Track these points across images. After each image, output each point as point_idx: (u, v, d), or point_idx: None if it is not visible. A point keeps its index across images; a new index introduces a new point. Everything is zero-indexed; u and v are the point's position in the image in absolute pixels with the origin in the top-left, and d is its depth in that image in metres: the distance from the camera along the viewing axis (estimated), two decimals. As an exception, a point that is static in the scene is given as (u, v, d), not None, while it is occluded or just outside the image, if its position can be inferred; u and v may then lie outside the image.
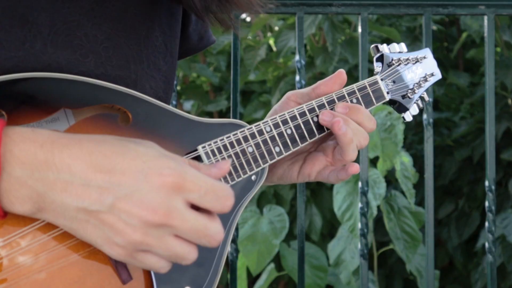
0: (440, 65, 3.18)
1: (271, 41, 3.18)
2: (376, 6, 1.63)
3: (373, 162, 2.48)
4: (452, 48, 3.25)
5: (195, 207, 0.71)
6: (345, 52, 2.67)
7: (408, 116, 1.05)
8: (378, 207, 2.32)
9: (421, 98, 1.06)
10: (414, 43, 2.93)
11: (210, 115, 3.18)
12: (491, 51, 1.66)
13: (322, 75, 2.82)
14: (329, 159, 0.96)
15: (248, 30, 2.92)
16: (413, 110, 1.05)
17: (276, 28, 3.25)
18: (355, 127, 0.93)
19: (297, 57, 1.61)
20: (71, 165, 0.68)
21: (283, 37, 2.75)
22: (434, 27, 3.14)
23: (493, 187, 1.64)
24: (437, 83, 3.02)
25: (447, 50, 3.31)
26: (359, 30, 1.62)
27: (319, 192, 2.89)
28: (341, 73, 0.97)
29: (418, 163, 3.00)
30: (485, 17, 1.66)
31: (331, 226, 2.91)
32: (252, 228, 2.43)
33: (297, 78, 1.61)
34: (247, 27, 2.95)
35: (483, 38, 1.74)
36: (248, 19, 2.73)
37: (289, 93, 0.99)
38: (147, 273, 0.79)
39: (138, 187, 0.68)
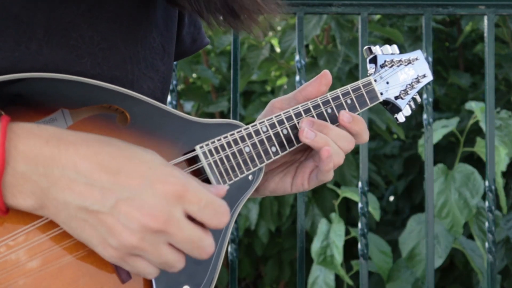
0: (441, 64, 3.16)
1: (274, 41, 3.18)
2: (376, 6, 1.63)
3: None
4: (453, 48, 3.25)
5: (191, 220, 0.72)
6: (348, 52, 2.67)
7: (401, 117, 1.06)
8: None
9: (414, 99, 1.07)
10: (416, 43, 2.93)
11: (211, 116, 3.18)
12: (491, 51, 1.66)
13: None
14: (316, 164, 0.96)
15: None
16: (406, 111, 1.06)
17: (279, 28, 3.25)
18: (336, 132, 0.93)
19: (297, 57, 1.62)
20: (78, 163, 0.68)
21: (287, 37, 2.75)
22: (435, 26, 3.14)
23: (493, 187, 1.65)
24: (438, 83, 3.03)
25: (448, 50, 3.31)
26: (359, 30, 1.62)
27: (320, 192, 2.89)
28: (326, 74, 0.97)
29: (418, 163, 3.00)
30: (485, 17, 1.66)
31: (332, 226, 2.91)
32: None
33: (297, 78, 1.61)
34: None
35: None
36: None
37: (273, 100, 0.99)
38: (146, 272, 0.79)
39: (141, 191, 0.69)
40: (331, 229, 2.26)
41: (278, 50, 3.01)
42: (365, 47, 1.05)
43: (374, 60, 1.04)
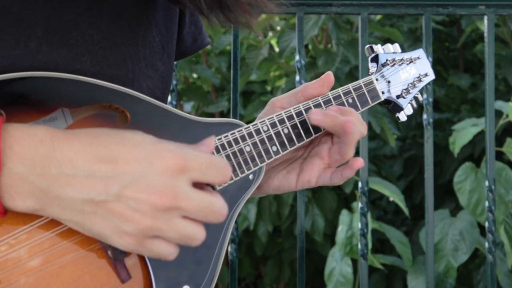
0: (441, 65, 3.15)
1: (273, 41, 3.18)
2: (376, 6, 1.63)
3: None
4: (453, 48, 3.26)
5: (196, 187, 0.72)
6: (347, 53, 2.67)
7: (402, 116, 1.06)
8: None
9: (415, 98, 1.07)
10: (415, 44, 2.93)
11: (211, 116, 3.18)
12: (491, 51, 1.66)
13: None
14: (325, 161, 0.97)
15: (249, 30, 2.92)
16: (408, 110, 1.06)
17: (278, 28, 3.25)
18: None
19: (297, 57, 1.62)
20: (73, 158, 0.68)
21: (286, 37, 2.75)
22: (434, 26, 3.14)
23: (493, 187, 1.65)
24: (437, 84, 3.03)
25: (448, 50, 3.31)
26: (359, 30, 1.62)
27: (320, 192, 2.89)
28: (329, 75, 0.97)
29: (418, 163, 3.00)
30: (485, 17, 1.66)
31: (332, 227, 2.91)
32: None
33: (297, 78, 1.61)
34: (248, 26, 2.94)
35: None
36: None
37: (274, 99, 0.99)
38: (146, 272, 0.79)
39: (142, 173, 0.68)
40: (354, 218, 2.26)
41: (277, 50, 3.01)
42: (367, 46, 1.05)
43: (375, 59, 1.04)
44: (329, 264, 2.34)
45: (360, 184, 1.62)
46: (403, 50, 2.99)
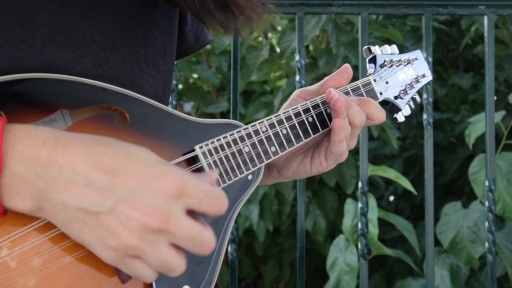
0: (441, 65, 3.14)
1: (274, 41, 3.17)
2: (376, 6, 1.63)
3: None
4: (453, 48, 3.25)
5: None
6: (348, 53, 2.67)
7: (400, 117, 1.07)
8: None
9: (413, 99, 1.08)
10: (417, 43, 2.93)
11: (211, 116, 3.18)
12: (491, 51, 1.66)
13: (324, 76, 2.81)
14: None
15: (249, 31, 2.91)
16: (405, 110, 1.07)
17: (279, 28, 3.25)
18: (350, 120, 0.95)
19: (297, 57, 1.62)
20: (75, 163, 0.68)
21: (286, 38, 2.75)
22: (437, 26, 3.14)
23: (493, 187, 1.65)
24: (438, 84, 3.03)
25: (448, 50, 3.30)
26: (359, 30, 1.62)
27: (321, 193, 2.89)
28: (347, 68, 1.00)
29: (419, 163, 3.00)
30: (485, 17, 1.66)
31: (332, 227, 2.91)
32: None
33: (297, 78, 1.62)
34: (248, 27, 2.94)
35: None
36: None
37: (298, 90, 1.01)
38: (146, 273, 0.79)
39: (140, 191, 0.68)
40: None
41: (278, 50, 3.01)
42: (365, 47, 1.05)
43: (373, 60, 1.05)
44: (332, 254, 2.34)
45: (360, 184, 1.62)
46: (406, 49, 2.98)
